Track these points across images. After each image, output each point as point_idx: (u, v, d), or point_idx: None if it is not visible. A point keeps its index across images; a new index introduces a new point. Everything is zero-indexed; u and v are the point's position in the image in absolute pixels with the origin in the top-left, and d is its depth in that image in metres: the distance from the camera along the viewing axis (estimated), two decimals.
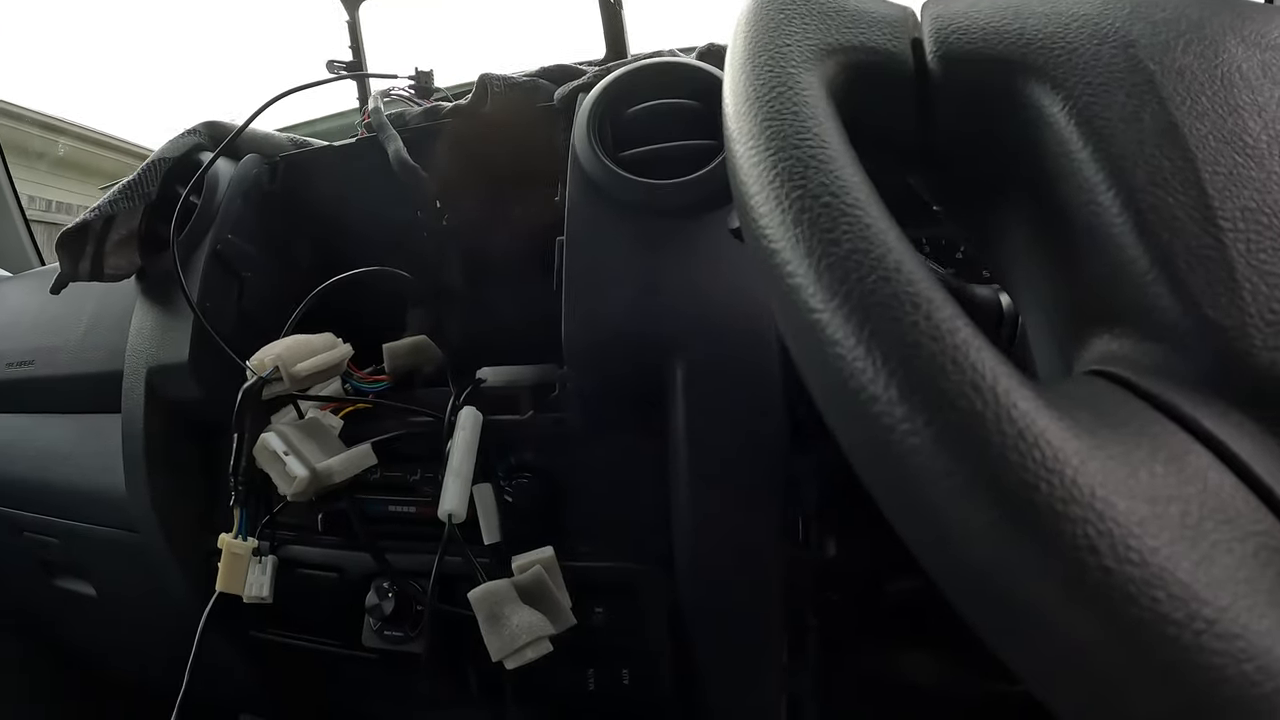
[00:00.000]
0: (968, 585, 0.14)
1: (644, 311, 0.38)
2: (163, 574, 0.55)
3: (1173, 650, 0.11)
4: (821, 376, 0.15)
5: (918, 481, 0.13)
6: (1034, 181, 0.20)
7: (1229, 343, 0.16)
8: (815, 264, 0.15)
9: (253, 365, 0.40)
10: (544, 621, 0.36)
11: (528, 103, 0.47)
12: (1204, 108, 0.18)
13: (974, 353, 0.13)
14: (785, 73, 0.19)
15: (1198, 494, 0.14)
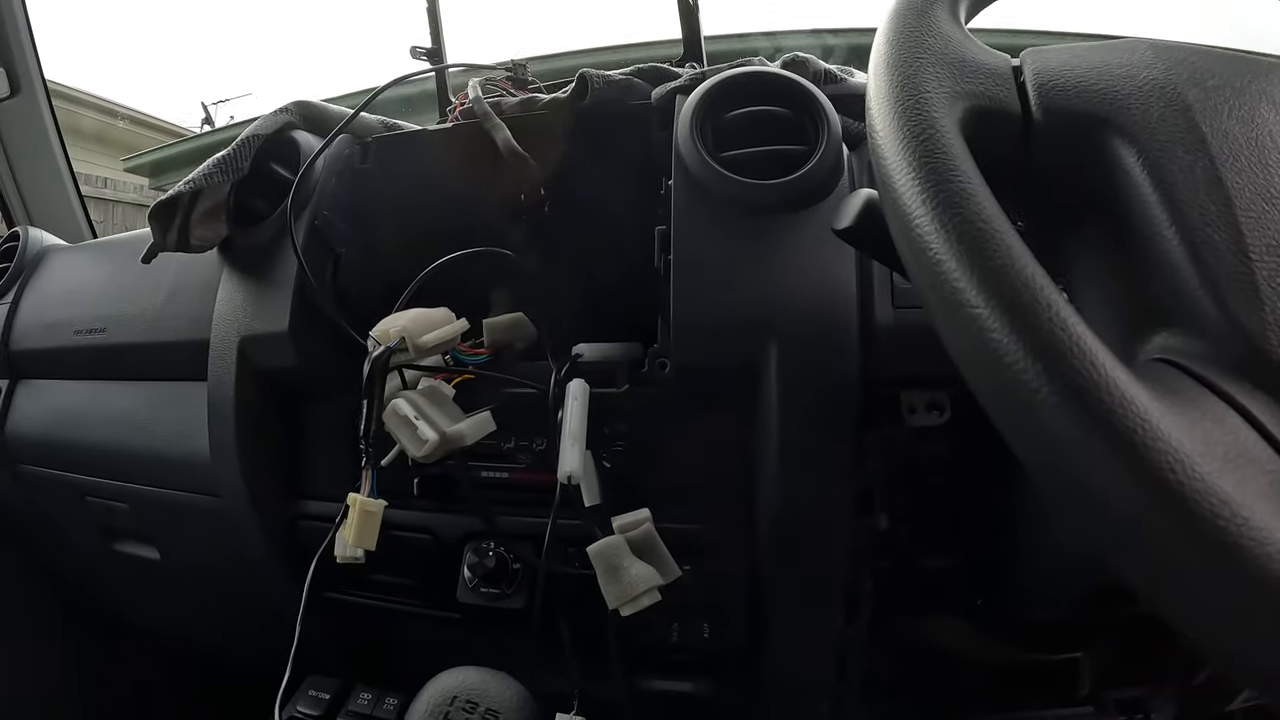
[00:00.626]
0: (1079, 498, 0.22)
1: (746, 297, 0.46)
2: (242, 538, 0.63)
3: (1223, 536, 0.19)
4: (977, 359, 0.23)
5: (1049, 429, 0.21)
6: (1110, 213, 0.28)
7: (1255, 341, 0.25)
8: (974, 275, 0.23)
9: (376, 336, 0.48)
10: (654, 573, 0.44)
11: (624, 100, 0.55)
12: (1242, 164, 0.27)
13: (1090, 341, 0.21)
14: (930, 116, 0.27)
15: (1234, 442, 0.22)
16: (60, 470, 0.76)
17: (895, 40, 0.28)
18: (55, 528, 0.83)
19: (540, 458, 0.54)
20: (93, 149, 3.11)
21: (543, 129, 0.55)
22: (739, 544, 0.51)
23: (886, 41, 0.28)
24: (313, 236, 0.58)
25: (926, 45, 0.28)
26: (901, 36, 0.28)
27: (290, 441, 0.62)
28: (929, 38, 0.28)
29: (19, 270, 0.84)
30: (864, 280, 0.48)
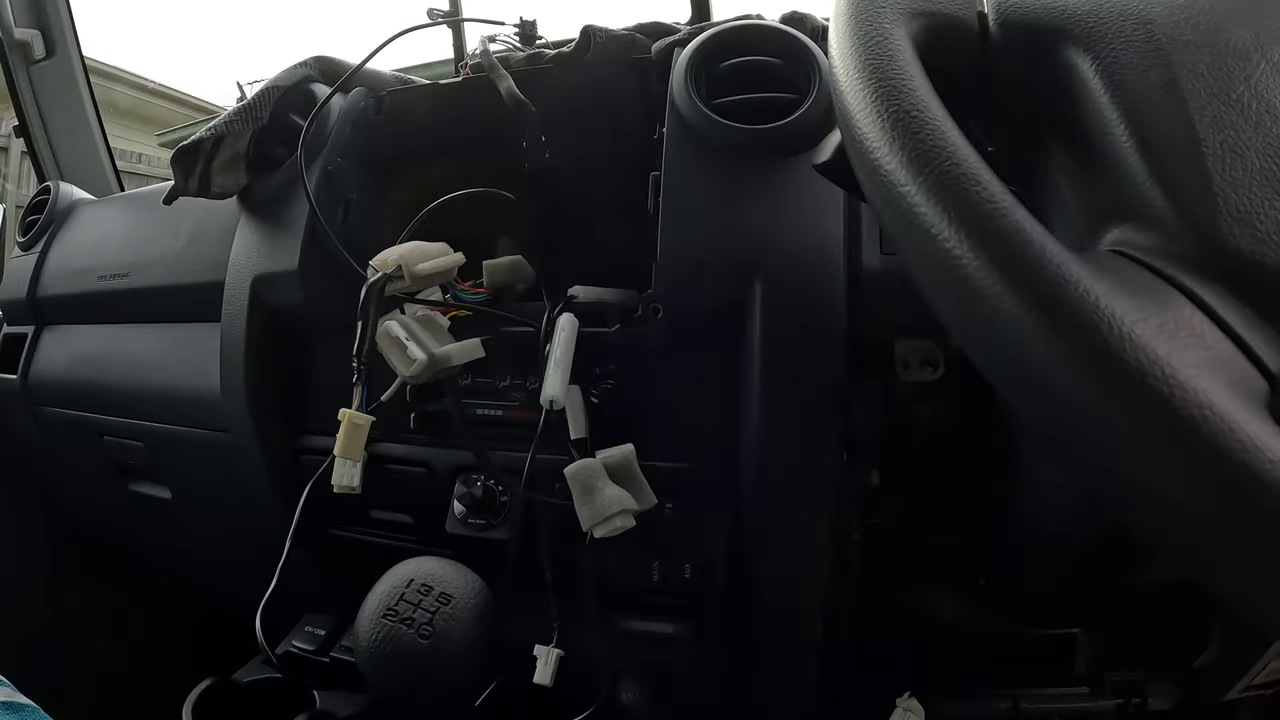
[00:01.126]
0: (1023, 379, 0.22)
1: (731, 236, 0.48)
2: (247, 473, 0.66)
3: (1171, 404, 0.19)
4: (911, 241, 0.25)
5: (984, 304, 0.22)
6: (1067, 120, 0.30)
7: (1206, 232, 0.26)
8: (904, 156, 0.24)
9: (375, 264, 0.51)
10: (629, 497, 0.46)
11: (626, 54, 0.57)
12: (1200, 70, 0.28)
13: (1039, 237, 0.22)
14: (881, 28, 0.29)
15: (1185, 324, 0.23)
16: (81, 411, 0.80)
17: None
18: (74, 469, 0.87)
19: (533, 396, 0.55)
20: (129, 125, 3.23)
21: (547, 81, 0.58)
22: (723, 486, 0.52)
23: None
24: (325, 182, 0.61)
25: None
26: None
27: (295, 379, 0.65)
28: None
29: (49, 222, 0.89)
30: (852, 226, 0.50)
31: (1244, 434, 0.19)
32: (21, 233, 0.90)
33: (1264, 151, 0.26)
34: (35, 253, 0.87)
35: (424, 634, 0.38)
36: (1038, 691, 0.67)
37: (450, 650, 0.39)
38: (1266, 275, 0.24)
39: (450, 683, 0.38)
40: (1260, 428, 0.19)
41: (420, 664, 0.38)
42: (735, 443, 0.51)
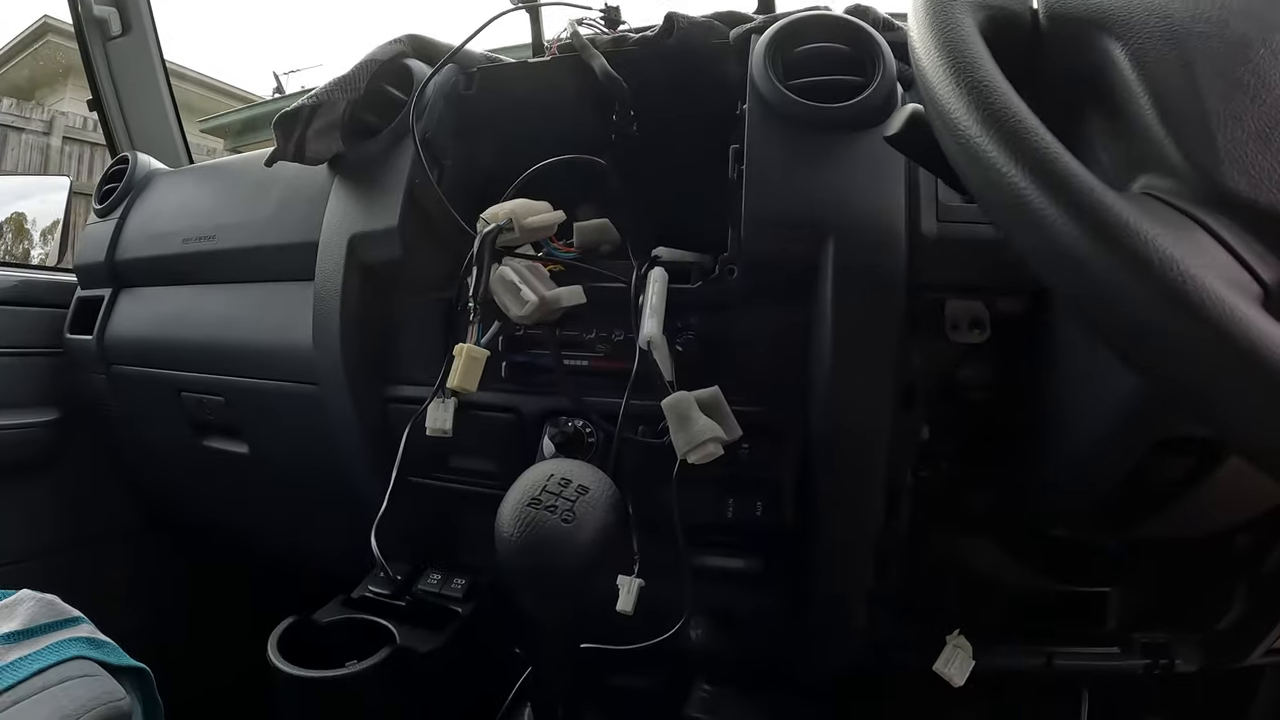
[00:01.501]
0: (1086, 288, 0.32)
1: (808, 198, 0.58)
2: (335, 423, 0.76)
3: (1184, 289, 0.29)
4: (985, 183, 0.35)
5: (1047, 227, 0.32)
6: (1102, 94, 0.40)
7: (1212, 177, 0.36)
8: (979, 115, 0.35)
9: (486, 217, 0.61)
10: (718, 427, 0.56)
11: (706, 38, 0.68)
12: (1209, 55, 0.39)
13: (1085, 175, 0.33)
14: (954, 16, 0.39)
15: (1195, 241, 0.34)
16: (157, 368, 0.91)
17: None
18: (145, 426, 0.98)
19: (617, 347, 0.66)
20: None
21: (632, 62, 0.69)
22: (793, 428, 0.62)
23: None
24: (423, 148, 0.71)
25: None
26: None
27: (386, 332, 0.75)
28: None
29: (127, 190, 1.00)
30: (912, 195, 0.60)
31: (1234, 310, 0.28)
32: (98, 200, 1.01)
33: (1258, 118, 0.37)
34: (113, 219, 0.98)
35: (566, 519, 0.48)
36: (1070, 650, 0.76)
37: (588, 533, 0.47)
38: (1260, 210, 0.35)
39: (588, 562, 0.47)
40: (1246, 308, 0.28)
41: (561, 544, 0.47)
42: (805, 389, 0.62)
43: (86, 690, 0.65)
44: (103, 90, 1.19)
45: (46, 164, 3.73)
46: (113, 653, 0.72)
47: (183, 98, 1.30)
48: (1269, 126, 0.36)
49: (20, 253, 1.24)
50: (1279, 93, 0.37)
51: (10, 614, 0.71)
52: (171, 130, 1.21)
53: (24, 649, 0.67)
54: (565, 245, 0.67)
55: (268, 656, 0.68)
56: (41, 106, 3.93)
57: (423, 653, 0.70)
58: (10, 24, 4.98)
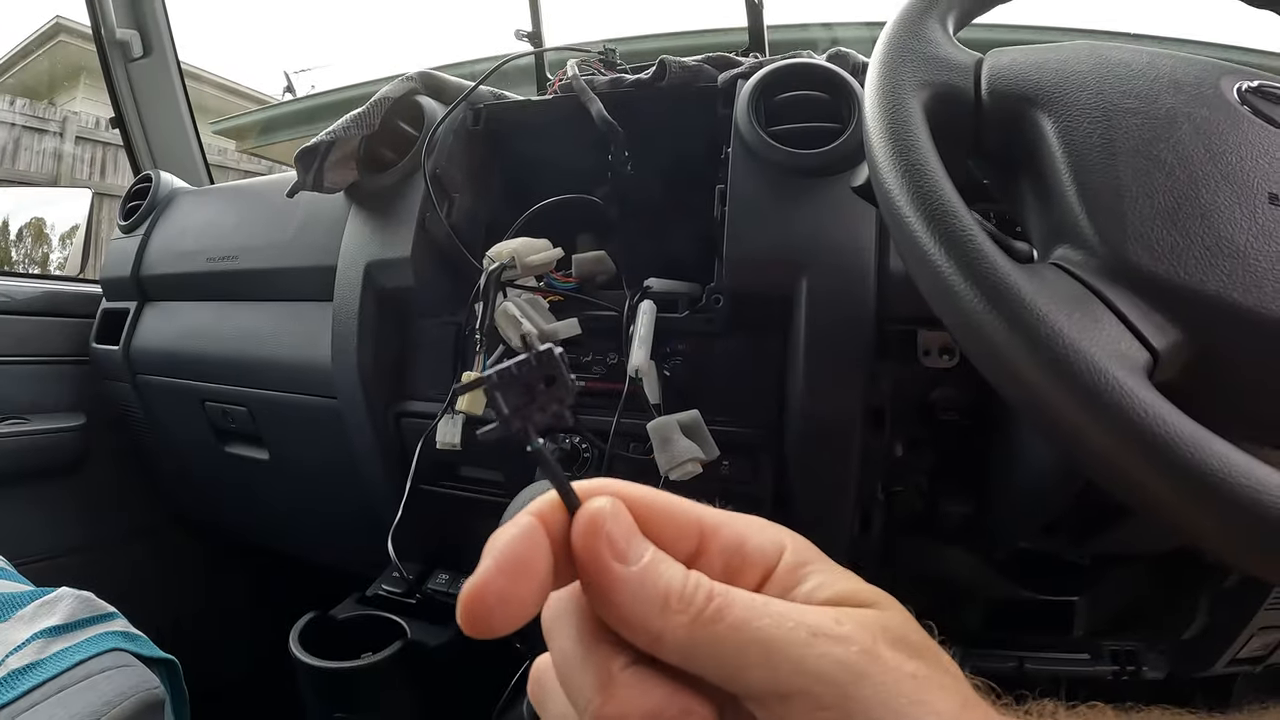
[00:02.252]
0: (987, 357, 0.39)
1: (784, 238, 0.65)
2: (352, 435, 0.84)
3: (1069, 365, 0.35)
4: (917, 266, 0.41)
5: (954, 298, 0.38)
6: (1032, 165, 0.46)
7: (1117, 251, 0.42)
8: (908, 196, 0.41)
9: (492, 255, 0.68)
10: (698, 449, 0.63)
11: (695, 81, 0.74)
12: (1132, 132, 0.44)
13: (992, 253, 0.39)
14: (900, 97, 0.45)
15: (1096, 320, 0.39)
16: (182, 379, 0.99)
17: (888, 40, 0.47)
18: (169, 432, 1.06)
19: (612, 370, 0.73)
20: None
21: (627, 103, 0.75)
22: (770, 445, 0.69)
23: (883, 40, 0.47)
24: (434, 182, 0.78)
25: (910, 46, 0.46)
26: (894, 38, 0.47)
27: (399, 352, 0.82)
28: (914, 40, 0.47)
29: (151, 207, 1.07)
30: (882, 235, 0.66)
31: (1109, 379, 0.33)
32: (123, 216, 1.09)
33: (1170, 193, 0.41)
34: (138, 235, 1.06)
35: None
36: (1041, 655, 0.82)
37: None
38: (1160, 281, 0.39)
39: None
40: (1128, 378, 0.33)
41: None
42: (781, 409, 0.68)
43: (125, 679, 0.72)
44: (125, 110, 1.26)
45: (59, 164, 3.81)
46: (145, 645, 0.79)
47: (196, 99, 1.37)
48: (1178, 202, 0.40)
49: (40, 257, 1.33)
50: (1194, 169, 0.41)
51: (51, 610, 0.78)
52: (192, 149, 1.28)
53: (65, 641, 0.75)
54: (565, 276, 0.73)
55: (290, 649, 0.76)
56: (55, 106, 4.02)
57: (432, 646, 0.78)
58: (23, 24, 5.09)
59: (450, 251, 0.75)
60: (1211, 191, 0.41)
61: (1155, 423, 0.32)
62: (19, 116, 3.76)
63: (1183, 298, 0.38)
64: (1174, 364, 0.38)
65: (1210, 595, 0.80)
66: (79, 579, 0.83)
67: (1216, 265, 0.39)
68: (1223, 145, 0.43)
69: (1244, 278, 0.38)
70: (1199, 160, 0.42)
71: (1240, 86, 0.47)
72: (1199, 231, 0.40)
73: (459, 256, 0.73)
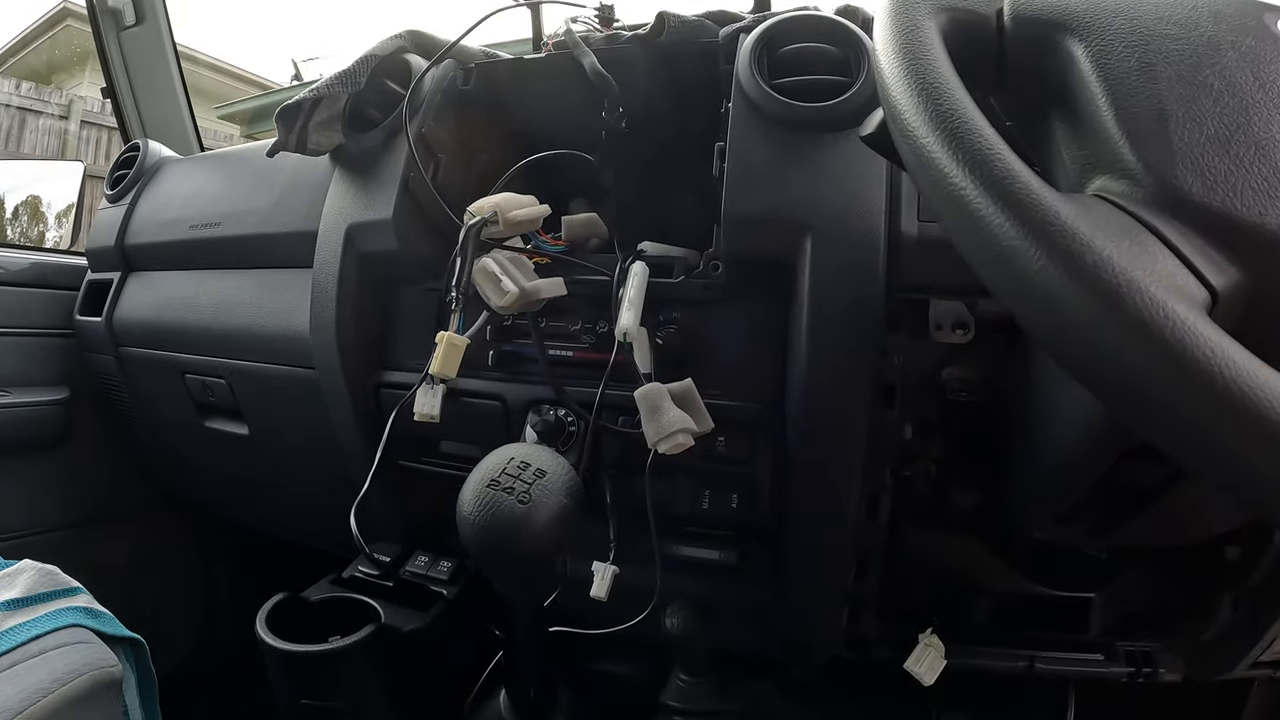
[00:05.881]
0: (1019, 290, 0.32)
1: (787, 197, 0.59)
2: (331, 405, 0.78)
3: (1121, 295, 0.29)
4: (938, 195, 0.35)
5: (987, 231, 0.32)
6: (1064, 96, 0.41)
7: (1165, 179, 0.37)
8: (926, 115, 0.35)
9: (473, 210, 0.62)
10: (689, 419, 0.57)
11: (696, 37, 0.69)
12: (1174, 57, 0.39)
13: (1024, 173, 0.33)
14: (914, 19, 0.40)
15: (1148, 252, 0.34)
16: (163, 350, 0.94)
17: None
18: (151, 406, 1.01)
19: (602, 339, 0.67)
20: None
21: (624, 60, 0.70)
22: (770, 423, 0.63)
23: None
24: (419, 143, 0.73)
25: None
26: None
27: (379, 320, 0.77)
28: None
29: (137, 177, 1.03)
30: (893, 195, 0.60)
31: (1171, 314, 0.28)
32: (110, 186, 1.04)
33: (1219, 120, 0.36)
34: (124, 205, 1.01)
35: (522, 500, 0.49)
36: (1053, 654, 0.76)
37: (543, 515, 0.49)
38: (1214, 213, 0.34)
39: (542, 543, 0.49)
40: (1186, 312, 0.28)
41: (517, 525, 0.48)
42: (782, 384, 0.63)
43: (79, 656, 0.67)
44: (116, 79, 1.22)
45: (64, 147, 3.81)
46: (109, 623, 0.74)
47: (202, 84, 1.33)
48: (1230, 130, 0.36)
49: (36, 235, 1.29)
50: (1245, 96, 0.37)
51: (11, 582, 0.73)
52: (183, 118, 1.24)
53: (22, 616, 0.70)
54: (554, 238, 0.68)
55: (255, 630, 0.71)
56: (60, 90, 4.02)
57: (405, 631, 0.72)
58: (30, 9, 5.10)
59: (435, 215, 0.70)
60: (1265, 120, 0.36)
61: (1225, 365, 0.26)
62: (25, 100, 3.76)
63: (1241, 232, 0.34)
64: (1233, 308, 0.33)
65: (1234, 594, 0.73)
66: (60, 555, 0.78)
67: (1277, 198, 0.34)
68: (1274, 74, 0.38)
69: None
70: (1249, 88, 0.37)
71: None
72: (1255, 161, 0.35)
73: (444, 219, 0.68)
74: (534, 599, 0.60)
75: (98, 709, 0.66)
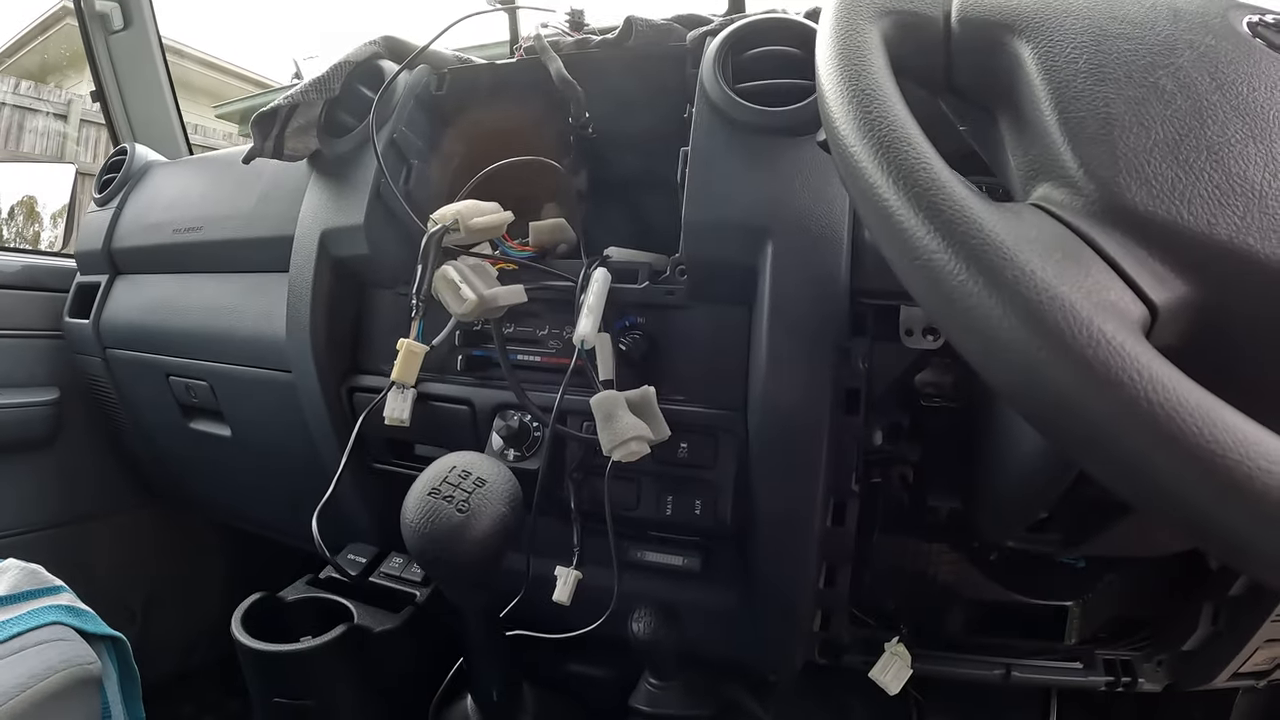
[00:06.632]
0: (943, 306, 0.31)
1: (748, 202, 0.58)
2: (307, 408, 0.78)
3: (1044, 313, 0.27)
4: (864, 203, 0.34)
5: (915, 247, 0.31)
6: (1010, 99, 0.39)
7: (1108, 188, 0.35)
8: (855, 123, 0.34)
9: (435, 217, 0.62)
10: (644, 426, 0.56)
11: (664, 41, 0.68)
12: (1125, 58, 0.37)
13: (949, 183, 0.32)
14: (855, 24, 0.39)
15: (1083, 266, 0.32)
16: (149, 353, 0.94)
17: None
18: (138, 408, 1.01)
19: (568, 345, 0.66)
20: (182, 96, 3.56)
21: (593, 65, 0.69)
22: (733, 429, 0.62)
23: None
24: (391, 148, 0.72)
25: None
26: None
27: (354, 324, 0.77)
28: None
29: (124, 181, 1.04)
30: None
31: (1100, 336, 0.26)
32: (98, 189, 1.05)
33: (1170, 125, 0.34)
34: (111, 208, 1.02)
35: (461, 509, 0.49)
36: (1030, 662, 0.75)
37: (481, 524, 0.48)
38: (1159, 224, 0.32)
39: (480, 551, 0.48)
40: (1119, 332, 0.26)
41: (456, 533, 0.48)
42: (745, 390, 0.62)
43: (57, 653, 0.67)
44: (105, 82, 1.23)
45: (64, 146, 3.82)
46: (90, 621, 0.74)
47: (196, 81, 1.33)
48: (1180, 134, 0.34)
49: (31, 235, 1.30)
50: (1199, 98, 0.35)
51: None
52: (171, 121, 1.24)
53: (4, 614, 0.70)
54: (521, 244, 0.67)
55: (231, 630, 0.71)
56: (59, 89, 4.04)
57: (377, 632, 0.72)
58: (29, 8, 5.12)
59: (406, 219, 0.69)
60: (1220, 124, 0.34)
61: (1153, 388, 0.25)
62: (23, 99, 3.78)
63: (1188, 243, 0.32)
64: (1175, 323, 0.31)
65: (1214, 604, 0.72)
66: (46, 556, 0.79)
67: (1228, 206, 0.32)
68: (1233, 75, 0.36)
69: (1262, 221, 0.31)
70: (1204, 89, 0.35)
71: (1250, 19, 0.40)
72: (1206, 168, 0.33)
73: (414, 224, 0.68)
74: (483, 604, 0.60)
75: (76, 705, 0.67)
